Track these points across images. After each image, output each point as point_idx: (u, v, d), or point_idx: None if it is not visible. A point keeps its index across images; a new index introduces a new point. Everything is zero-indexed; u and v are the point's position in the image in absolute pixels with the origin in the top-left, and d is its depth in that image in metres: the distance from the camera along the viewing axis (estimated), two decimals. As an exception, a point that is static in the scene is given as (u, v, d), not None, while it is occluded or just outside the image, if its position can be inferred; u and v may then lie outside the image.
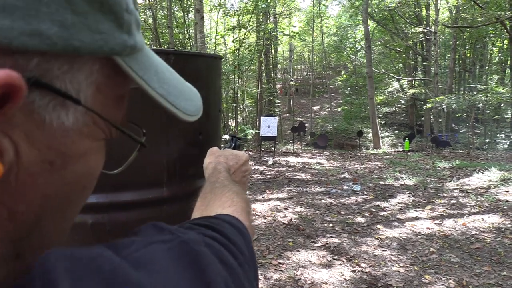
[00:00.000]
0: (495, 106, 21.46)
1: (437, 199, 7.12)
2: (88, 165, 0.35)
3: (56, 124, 0.30)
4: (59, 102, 0.30)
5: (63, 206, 0.34)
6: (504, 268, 4.24)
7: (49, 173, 0.31)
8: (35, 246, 0.32)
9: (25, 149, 0.28)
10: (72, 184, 0.33)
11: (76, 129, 0.32)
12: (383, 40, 28.29)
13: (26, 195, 0.29)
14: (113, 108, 0.37)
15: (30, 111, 0.28)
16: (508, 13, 16.02)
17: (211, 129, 1.30)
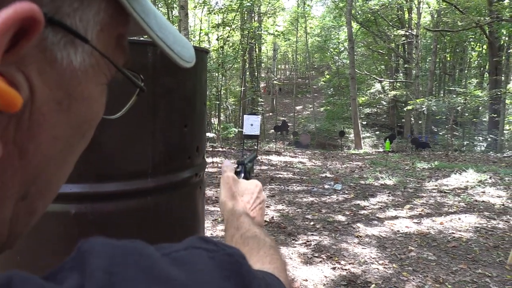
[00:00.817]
0: (473, 109, 21.93)
1: (416, 198, 7.24)
2: (90, 110, 0.35)
3: (66, 63, 0.30)
4: (69, 40, 0.30)
5: (66, 152, 0.34)
6: (479, 266, 4.34)
7: (57, 114, 0.31)
8: (40, 190, 0.33)
9: (38, 86, 0.28)
10: (75, 128, 0.34)
11: (83, 70, 0.32)
12: (366, 42, 28.59)
13: (37, 135, 0.29)
14: (114, 51, 0.36)
15: (44, 48, 0.28)
16: (487, 18, 16.39)
17: (197, 122, 1.31)
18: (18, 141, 0.28)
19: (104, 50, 0.34)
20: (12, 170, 0.28)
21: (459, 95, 16.73)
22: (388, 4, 21.61)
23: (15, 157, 0.28)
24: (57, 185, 0.35)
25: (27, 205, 0.32)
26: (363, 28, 25.01)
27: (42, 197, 0.33)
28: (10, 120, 0.27)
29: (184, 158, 1.26)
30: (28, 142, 0.29)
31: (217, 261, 0.33)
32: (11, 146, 0.28)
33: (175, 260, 0.31)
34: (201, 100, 1.35)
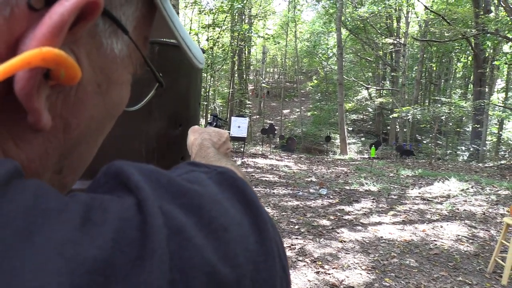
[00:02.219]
0: (457, 119, 22.26)
1: (399, 205, 7.32)
2: (121, 95, 0.38)
3: (109, 50, 0.34)
4: (113, 30, 0.34)
5: (97, 132, 0.37)
6: (459, 273, 4.41)
7: (97, 95, 0.33)
8: (73, 166, 0.35)
9: (85, 67, 0.31)
10: (108, 110, 0.36)
11: (121, 58, 0.36)
12: (354, 48, 28.85)
13: (79, 112, 0.32)
14: (142, 47, 0.40)
15: (94, 33, 0.32)
16: (473, 30, 16.68)
17: (191, 121, 1.31)
18: (64, 115, 0.30)
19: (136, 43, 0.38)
20: (56, 142, 0.31)
21: (443, 104, 16.96)
22: (378, 12, 21.84)
23: (60, 130, 0.31)
24: (86, 163, 0.38)
25: (60, 179, 0.34)
26: (352, 35, 25.22)
27: (72, 173, 0.36)
28: (59, 95, 0.30)
29: (177, 157, 1.26)
30: (72, 118, 0.31)
31: (214, 179, 0.36)
32: (58, 119, 0.30)
33: (186, 180, 0.33)
34: (195, 100, 1.35)
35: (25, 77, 0.25)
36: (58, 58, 0.26)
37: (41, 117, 0.27)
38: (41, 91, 0.27)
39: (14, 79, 0.26)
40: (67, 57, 0.26)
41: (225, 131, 1.02)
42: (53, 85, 0.28)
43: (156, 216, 0.26)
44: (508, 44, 16.90)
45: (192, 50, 0.47)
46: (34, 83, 0.26)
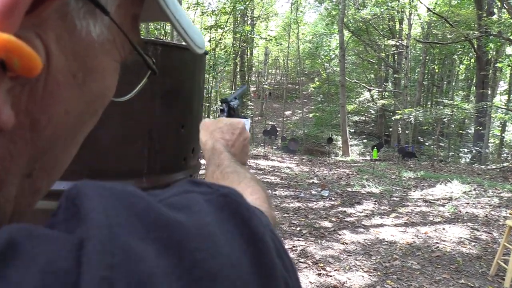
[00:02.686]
0: (459, 121, 22.25)
1: (401, 207, 7.31)
2: (103, 85, 0.33)
3: (85, 33, 0.29)
4: (90, 9, 0.29)
5: (76, 129, 0.32)
6: (462, 276, 4.39)
7: (71, 86, 0.29)
8: (46, 168, 0.30)
9: (55, 54, 0.26)
10: (88, 103, 0.32)
11: (100, 43, 0.31)
12: (357, 50, 28.85)
13: (50, 106, 0.27)
14: (129, 30, 0.35)
15: (64, 13, 0.27)
16: (476, 32, 16.66)
17: (194, 123, 1.30)
18: (30, 111, 0.26)
19: (120, 26, 0.33)
20: (22, 143, 0.26)
21: (446, 106, 16.93)
22: (380, 14, 21.84)
23: (26, 128, 0.26)
24: (63, 165, 0.33)
25: (31, 183, 0.29)
26: (354, 36, 25.21)
27: (46, 176, 0.31)
28: (24, 88, 0.25)
29: (179, 159, 1.26)
30: (40, 114, 0.27)
31: (214, 203, 0.31)
32: (22, 116, 0.25)
33: (171, 205, 0.29)
34: (198, 101, 1.34)
35: None
36: (8, 45, 0.21)
37: (0, 114, 0.23)
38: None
39: None
40: (20, 44, 0.22)
41: (239, 120, 0.91)
42: (13, 77, 0.24)
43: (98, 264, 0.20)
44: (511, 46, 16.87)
45: (189, 34, 0.42)
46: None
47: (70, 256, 0.20)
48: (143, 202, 0.26)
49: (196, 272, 0.23)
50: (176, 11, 0.39)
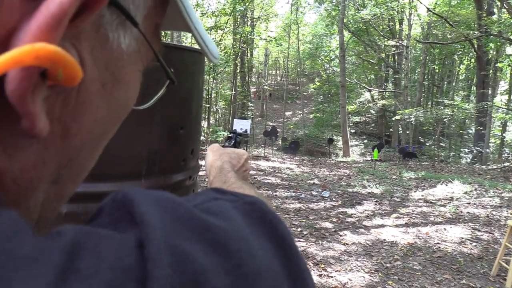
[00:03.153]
0: (460, 121, 22.23)
1: (402, 208, 7.29)
2: (128, 95, 0.34)
3: (116, 44, 0.30)
4: (121, 22, 0.30)
5: (100, 137, 0.33)
6: (463, 276, 4.38)
7: (101, 97, 0.30)
8: (72, 175, 0.31)
9: (88, 65, 0.27)
10: (114, 112, 0.32)
11: (128, 54, 0.32)
12: (357, 50, 28.85)
13: (81, 115, 0.28)
14: (152, 39, 0.36)
15: (98, 25, 0.28)
16: (476, 32, 16.66)
17: (193, 124, 1.30)
18: (63, 119, 0.27)
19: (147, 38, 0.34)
20: (53, 150, 0.27)
21: (446, 107, 16.93)
22: (380, 14, 21.84)
23: (57, 136, 0.27)
24: (86, 170, 0.34)
25: (57, 189, 0.30)
26: (354, 37, 25.22)
27: (71, 182, 0.32)
28: (58, 97, 0.26)
29: (178, 160, 1.25)
30: (72, 122, 0.27)
31: (241, 211, 0.32)
32: (56, 124, 0.26)
33: (207, 211, 0.30)
34: (197, 103, 1.34)
35: (18, 77, 0.22)
36: (54, 56, 0.22)
37: (37, 121, 0.24)
38: (37, 93, 0.24)
39: (5, 79, 0.22)
40: (65, 55, 0.23)
41: (244, 152, 0.98)
42: (51, 86, 0.24)
43: (161, 263, 0.21)
44: (511, 46, 16.86)
45: (207, 44, 0.43)
46: (29, 83, 0.22)
47: (134, 254, 0.21)
48: (183, 208, 0.27)
49: (242, 270, 0.24)
50: (196, 21, 0.40)
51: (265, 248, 0.29)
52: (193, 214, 0.27)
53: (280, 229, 0.31)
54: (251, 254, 0.26)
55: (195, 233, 0.25)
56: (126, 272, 0.21)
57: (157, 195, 0.27)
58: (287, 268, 0.29)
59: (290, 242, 0.31)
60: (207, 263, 0.23)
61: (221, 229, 0.27)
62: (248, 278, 0.25)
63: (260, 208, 0.33)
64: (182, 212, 0.27)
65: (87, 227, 0.23)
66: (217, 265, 0.24)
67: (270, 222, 0.32)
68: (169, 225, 0.25)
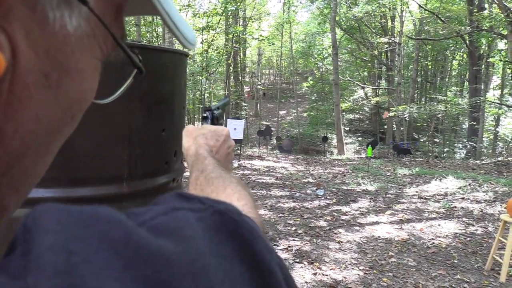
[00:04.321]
0: (453, 117, 22.32)
1: (396, 204, 7.31)
2: (82, 87, 0.28)
3: (59, 25, 0.25)
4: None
5: (49, 138, 0.27)
6: (457, 271, 4.39)
7: (44, 90, 0.24)
8: (14, 184, 0.26)
9: (23, 50, 0.22)
10: (64, 108, 0.27)
11: (77, 37, 0.26)
12: (349, 48, 28.88)
13: (18, 113, 0.23)
14: (112, 23, 0.30)
15: (34, 3, 0.23)
16: (468, 28, 16.72)
17: (175, 126, 1.28)
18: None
19: (102, 18, 0.28)
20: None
21: (440, 102, 17.01)
22: (372, 12, 21.88)
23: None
24: (34, 178, 0.29)
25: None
26: (347, 35, 25.26)
27: (15, 192, 0.27)
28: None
29: (161, 163, 1.23)
30: (6, 121, 0.23)
31: (208, 223, 0.27)
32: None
33: (156, 229, 0.24)
34: (180, 104, 1.32)
35: None
36: None
37: None
38: None
39: None
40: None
41: (223, 128, 0.88)
42: None
43: None
44: (502, 41, 16.95)
45: (180, 28, 0.37)
46: None
47: None
48: (119, 230, 0.22)
49: None
50: (166, 3, 0.34)
51: (234, 276, 0.24)
52: (131, 239, 0.21)
53: (256, 248, 0.26)
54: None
55: (129, 268, 0.20)
56: None
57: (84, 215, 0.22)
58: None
59: (269, 266, 0.26)
60: None
61: (168, 259, 0.22)
62: None
63: (232, 220, 0.28)
64: (117, 237, 0.21)
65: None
66: None
67: (243, 238, 0.26)
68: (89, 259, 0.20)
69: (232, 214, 0.29)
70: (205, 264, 0.23)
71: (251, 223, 0.29)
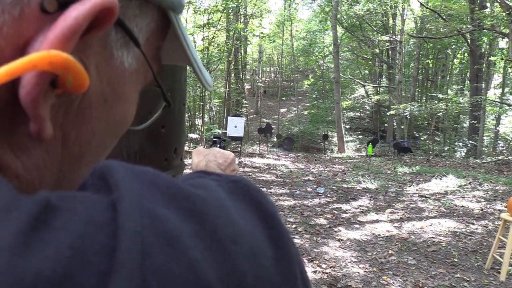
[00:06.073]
0: (454, 115, 22.29)
1: (397, 203, 7.30)
2: (125, 113, 0.35)
3: (119, 62, 0.32)
4: (125, 42, 0.32)
5: (97, 149, 0.34)
6: (457, 270, 4.38)
7: (101, 109, 0.31)
8: (69, 186, 0.32)
9: (93, 77, 0.29)
10: (112, 127, 0.34)
11: (129, 72, 0.34)
12: (350, 46, 28.84)
13: (81, 124, 0.30)
14: (152, 60, 0.37)
15: (105, 43, 0.30)
16: (469, 26, 16.68)
17: (175, 123, 1.27)
18: (64, 125, 0.28)
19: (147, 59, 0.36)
20: (54, 155, 0.29)
21: (440, 101, 16.98)
22: (373, 10, 21.84)
23: (58, 142, 0.28)
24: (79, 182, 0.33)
25: None
26: (348, 32, 25.21)
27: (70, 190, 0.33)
28: (62, 104, 0.28)
29: (161, 160, 1.22)
30: (72, 129, 0.29)
31: (225, 188, 0.32)
32: (57, 130, 0.28)
33: (188, 183, 0.30)
34: (180, 100, 1.31)
35: (32, 81, 0.24)
36: (66, 63, 0.24)
37: (44, 126, 0.26)
38: (47, 99, 0.26)
39: (19, 83, 0.24)
40: (76, 63, 0.24)
41: (230, 153, 0.98)
42: (58, 94, 0.26)
43: (132, 218, 0.22)
44: (504, 39, 16.90)
45: (203, 73, 0.46)
46: (42, 88, 0.24)
47: (106, 212, 0.22)
48: (163, 179, 0.27)
49: (218, 235, 0.25)
50: (193, 51, 0.43)
51: (247, 218, 0.29)
52: (172, 185, 0.27)
53: (263, 203, 0.32)
54: (230, 221, 0.26)
55: (172, 201, 0.25)
56: (97, 226, 0.21)
57: (137, 167, 0.28)
58: (271, 238, 0.29)
59: (275, 216, 0.31)
60: (181, 227, 0.23)
61: (200, 197, 0.27)
62: (224, 242, 0.25)
63: (245, 185, 0.33)
64: (161, 182, 0.27)
65: (63, 193, 0.24)
66: (191, 230, 0.24)
67: (253, 196, 0.32)
68: (145, 191, 0.25)
69: (244, 181, 0.34)
70: (226, 204, 0.28)
71: (259, 189, 0.34)
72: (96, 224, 0.21)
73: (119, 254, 0.20)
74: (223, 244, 0.25)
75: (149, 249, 0.21)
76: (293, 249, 0.30)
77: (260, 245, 0.27)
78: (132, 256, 0.20)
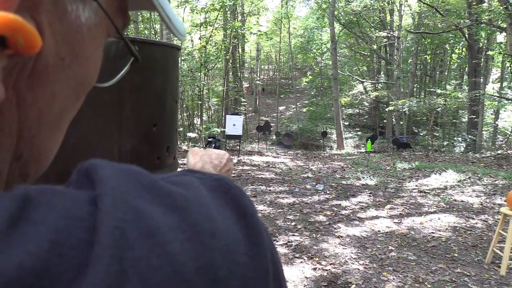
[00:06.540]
0: (453, 110, 22.27)
1: (396, 198, 7.29)
2: (88, 71, 0.33)
3: (74, 17, 0.30)
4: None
5: (60, 114, 0.32)
6: (458, 265, 4.38)
7: (59, 70, 0.29)
8: (34, 154, 0.31)
9: (47, 36, 0.27)
10: (72, 88, 0.32)
11: (88, 28, 0.31)
12: (348, 43, 28.78)
13: (37, 86, 0.28)
14: (115, 13, 0.35)
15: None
16: (467, 21, 16.66)
17: (167, 121, 1.25)
18: (18, 87, 0.27)
19: (107, 11, 0.33)
20: (10, 117, 0.27)
21: (439, 96, 16.95)
22: (370, 6, 21.81)
23: (13, 104, 0.27)
24: (50, 151, 0.33)
25: (21, 167, 0.30)
26: (345, 29, 25.15)
27: (35, 161, 0.31)
28: (15, 65, 0.26)
29: (153, 158, 1.20)
30: (27, 91, 0.27)
31: (208, 186, 0.32)
32: (10, 91, 0.27)
33: (171, 182, 0.30)
34: (172, 98, 1.29)
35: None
36: (13, 24, 0.23)
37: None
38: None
39: None
40: (25, 23, 0.23)
41: (225, 153, 1.00)
42: (10, 55, 0.25)
43: (113, 213, 0.22)
44: (501, 34, 16.88)
45: (173, 21, 0.42)
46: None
47: (85, 207, 0.23)
48: (147, 178, 0.28)
49: (198, 227, 0.26)
50: None
51: (226, 215, 0.29)
52: (156, 183, 0.27)
53: (242, 201, 0.32)
54: (209, 217, 0.27)
55: (155, 198, 0.26)
56: (76, 220, 0.22)
57: (123, 166, 0.28)
58: (246, 235, 0.29)
59: (253, 215, 0.31)
60: (163, 221, 0.24)
61: (182, 195, 0.27)
62: (204, 235, 0.25)
63: (226, 184, 0.34)
64: (146, 181, 0.27)
65: (42, 186, 0.24)
66: (172, 223, 0.25)
67: (233, 195, 0.32)
68: (128, 188, 0.25)
69: (226, 181, 0.34)
70: (206, 201, 0.29)
71: (239, 188, 0.34)
72: (74, 219, 0.22)
73: (97, 248, 0.20)
74: (203, 237, 0.25)
75: (130, 242, 0.22)
76: (267, 246, 0.30)
77: (236, 242, 0.28)
78: (110, 249, 0.20)
